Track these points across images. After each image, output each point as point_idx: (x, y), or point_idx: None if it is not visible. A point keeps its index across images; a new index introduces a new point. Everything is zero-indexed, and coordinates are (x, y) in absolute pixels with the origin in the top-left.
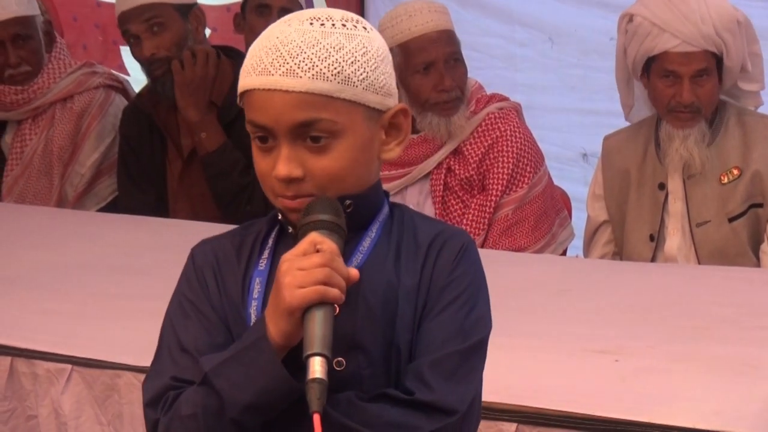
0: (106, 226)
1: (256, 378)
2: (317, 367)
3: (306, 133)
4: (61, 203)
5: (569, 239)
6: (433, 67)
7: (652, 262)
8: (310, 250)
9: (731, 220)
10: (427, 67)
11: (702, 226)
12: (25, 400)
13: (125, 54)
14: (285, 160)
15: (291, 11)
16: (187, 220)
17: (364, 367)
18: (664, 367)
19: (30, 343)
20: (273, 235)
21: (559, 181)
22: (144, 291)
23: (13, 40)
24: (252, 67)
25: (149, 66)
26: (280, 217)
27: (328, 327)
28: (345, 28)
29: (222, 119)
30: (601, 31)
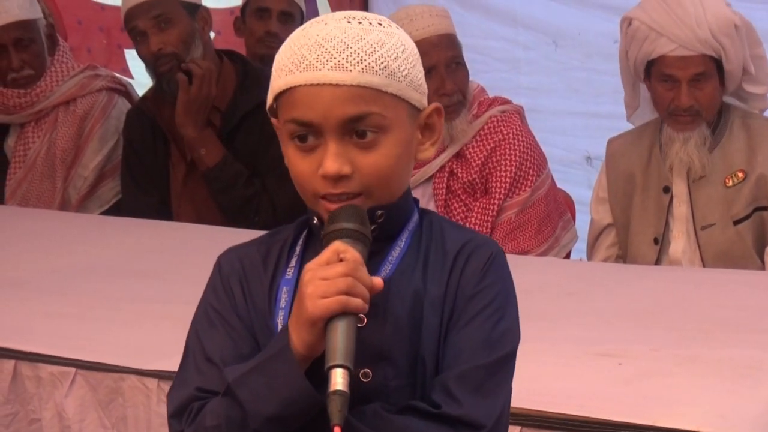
0: (109, 229)
1: (278, 389)
2: (339, 379)
3: (354, 129)
4: (64, 206)
5: (572, 242)
6: (435, 71)
7: (657, 265)
8: (333, 259)
9: (736, 223)
10: (429, 72)
11: (707, 229)
12: (28, 403)
13: (129, 57)
14: (334, 157)
15: (290, 14)
16: (191, 223)
17: (391, 378)
18: (668, 370)
19: (34, 346)
20: (300, 242)
21: (562, 184)
22: (148, 294)
23: (15, 44)
24: (293, 64)
25: (155, 62)
26: (315, 221)
27: (351, 338)
28: (381, 26)
29: (225, 125)
30: (605, 34)
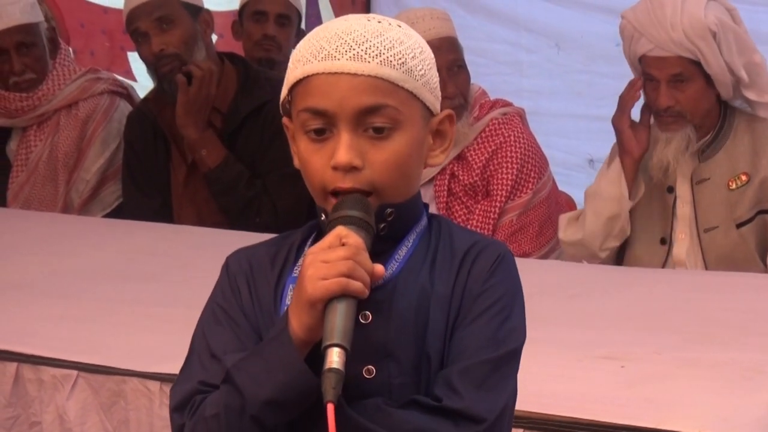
0: (111, 232)
1: (275, 372)
2: (335, 358)
3: (368, 122)
4: (66, 209)
5: None
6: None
7: (664, 265)
8: (335, 244)
9: (739, 226)
10: None
11: (710, 232)
12: (30, 406)
13: (133, 59)
14: (346, 147)
15: (287, 17)
16: (193, 226)
17: (395, 375)
18: (671, 372)
19: (36, 349)
20: (309, 243)
21: (565, 187)
22: (150, 297)
23: (17, 48)
24: (312, 54)
25: (157, 62)
26: (323, 217)
27: (350, 320)
28: (400, 27)
29: (226, 127)
30: (607, 36)
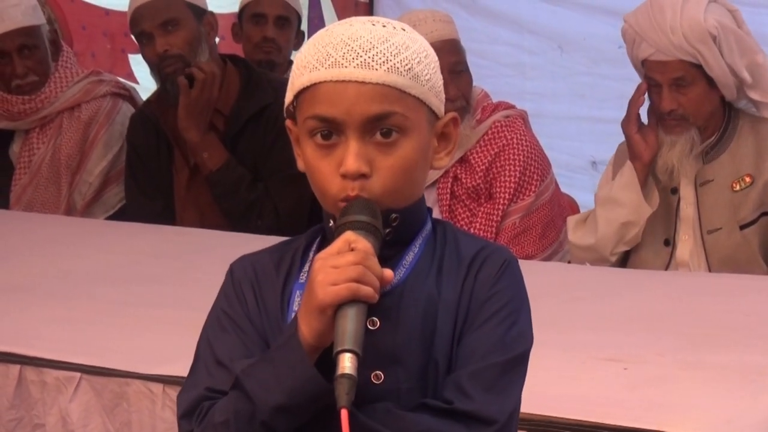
0: (114, 234)
1: (285, 377)
2: (347, 363)
3: (375, 129)
4: (69, 212)
5: None
6: None
7: (668, 267)
8: (344, 249)
9: (742, 227)
10: None
11: (713, 233)
12: (33, 408)
13: (134, 62)
14: (354, 155)
15: (287, 19)
16: (196, 228)
17: (403, 381)
18: (674, 375)
19: (39, 351)
20: (314, 248)
21: (568, 189)
22: (153, 299)
23: (19, 51)
24: (318, 60)
25: (160, 63)
26: (331, 223)
27: (361, 325)
28: (405, 32)
29: (229, 129)
30: (610, 39)
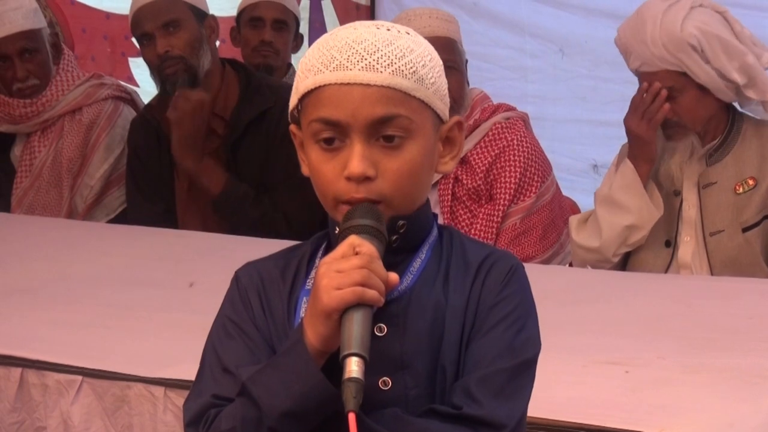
0: (116, 237)
1: (292, 383)
2: (354, 367)
3: (380, 132)
4: (71, 215)
5: None
6: None
7: (668, 268)
8: (348, 253)
9: (745, 230)
10: None
11: (715, 236)
12: (34, 411)
13: (134, 65)
14: (359, 158)
15: (284, 22)
16: (198, 231)
17: (411, 387)
18: (675, 378)
19: (40, 355)
20: (320, 254)
21: (569, 193)
22: (155, 302)
23: (20, 54)
24: (323, 63)
25: (161, 64)
26: (337, 230)
27: (367, 328)
28: (409, 35)
29: (229, 134)
30: (611, 42)
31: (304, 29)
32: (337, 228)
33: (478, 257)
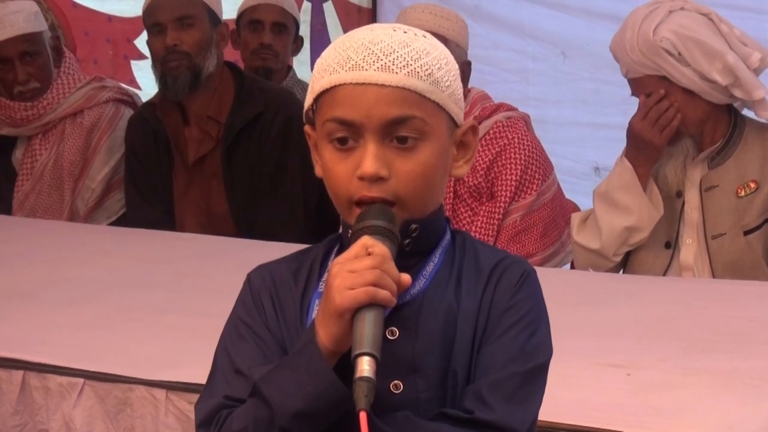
0: (117, 240)
1: (304, 383)
2: (365, 366)
3: (394, 133)
4: (72, 218)
5: None
6: None
7: (668, 269)
8: (361, 253)
9: (747, 233)
10: None
11: (717, 239)
12: (36, 414)
13: (136, 68)
14: (373, 158)
15: (284, 25)
16: (199, 234)
17: (422, 390)
18: (677, 380)
19: (42, 357)
20: (332, 257)
21: (571, 195)
22: (156, 305)
23: (21, 57)
24: (339, 64)
25: (166, 55)
26: (350, 233)
27: (378, 328)
28: (425, 38)
29: (224, 138)
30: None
31: (306, 32)
32: (350, 232)
33: (490, 262)
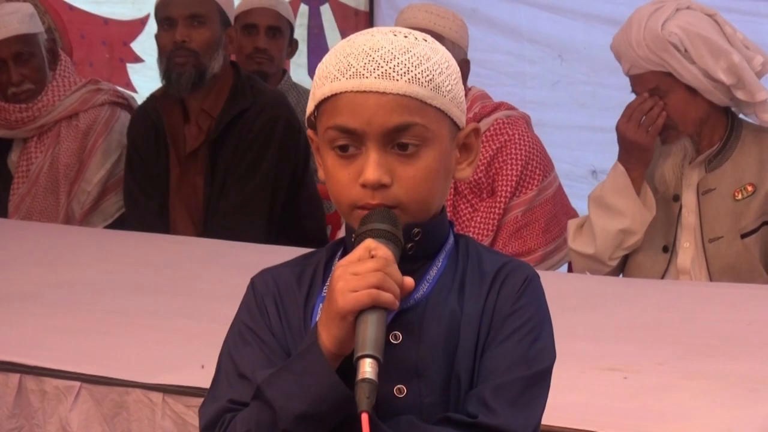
0: (113, 243)
1: (307, 385)
2: (367, 368)
3: (395, 140)
4: (68, 221)
5: None
6: None
7: (665, 273)
8: (364, 256)
9: (744, 236)
10: None
11: (714, 242)
12: (33, 417)
13: (132, 71)
14: (375, 165)
15: (278, 29)
16: (196, 238)
17: (425, 395)
18: (674, 384)
19: (38, 361)
20: (335, 261)
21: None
22: (153, 308)
23: (15, 58)
24: (339, 71)
25: (174, 51)
26: (354, 238)
27: (381, 331)
28: (426, 42)
29: (211, 132)
30: (610, 48)
31: (303, 35)
32: (354, 236)
33: (493, 267)
